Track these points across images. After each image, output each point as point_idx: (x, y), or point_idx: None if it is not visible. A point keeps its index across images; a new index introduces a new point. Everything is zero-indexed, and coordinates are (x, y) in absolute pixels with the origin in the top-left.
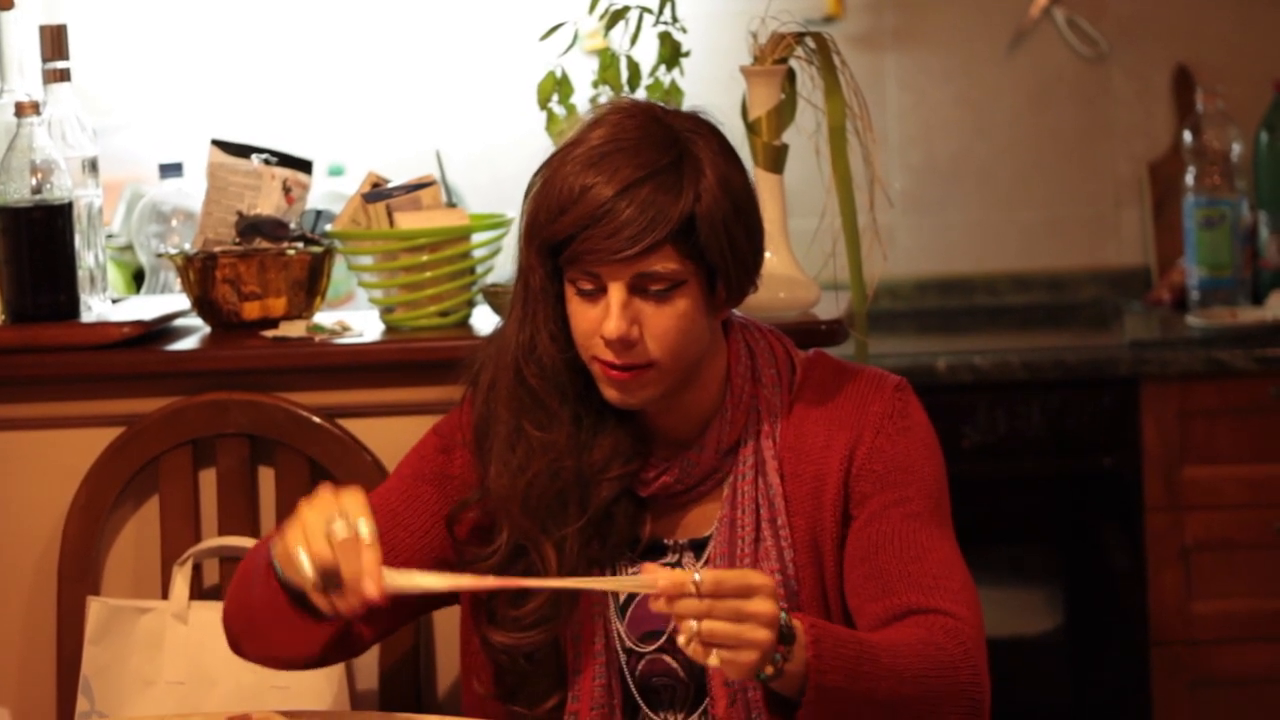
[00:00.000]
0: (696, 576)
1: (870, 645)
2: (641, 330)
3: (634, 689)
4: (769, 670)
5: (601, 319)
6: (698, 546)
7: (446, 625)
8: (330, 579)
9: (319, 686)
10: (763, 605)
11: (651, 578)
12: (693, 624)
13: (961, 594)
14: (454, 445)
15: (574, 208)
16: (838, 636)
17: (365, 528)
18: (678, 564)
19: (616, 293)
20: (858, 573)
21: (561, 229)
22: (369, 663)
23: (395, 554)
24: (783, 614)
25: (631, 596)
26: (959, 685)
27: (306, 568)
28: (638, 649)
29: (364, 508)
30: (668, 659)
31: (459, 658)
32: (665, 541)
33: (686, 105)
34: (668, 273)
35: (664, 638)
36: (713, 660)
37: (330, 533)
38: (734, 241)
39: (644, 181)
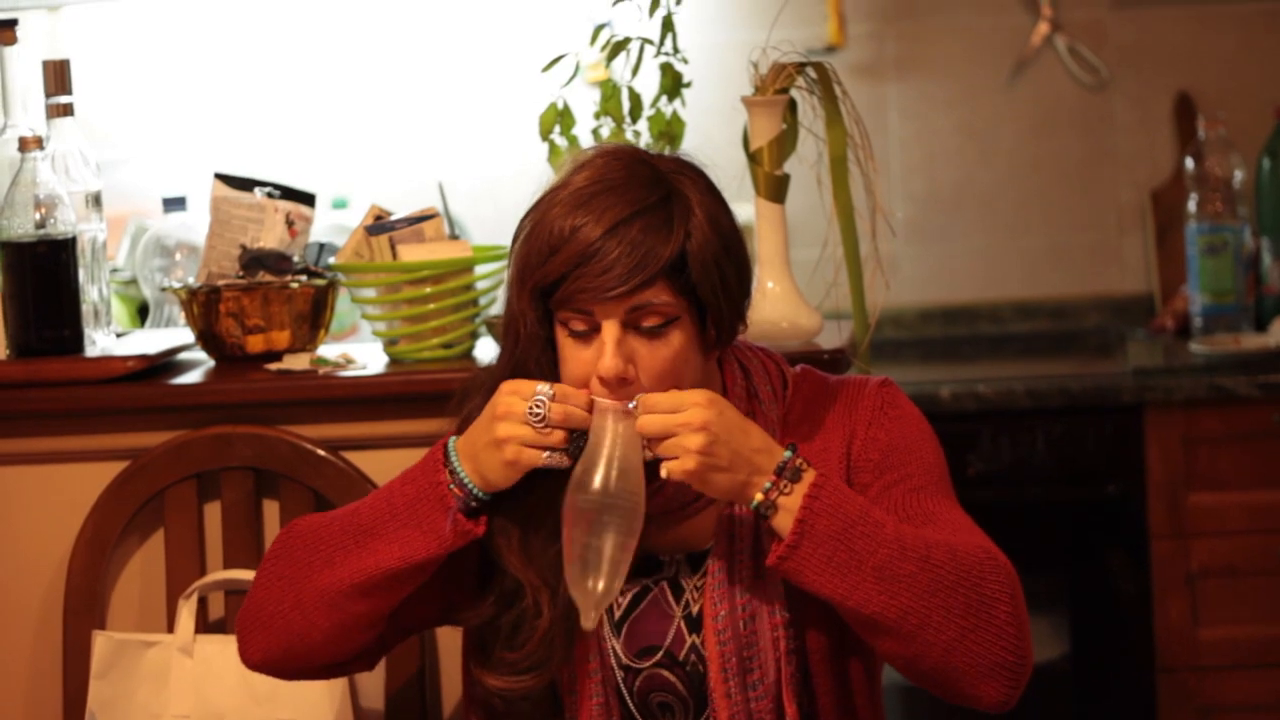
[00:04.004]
0: (632, 404)
1: (876, 514)
2: (636, 369)
3: (633, 707)
4: (759, 497)
5: (595, 360)
6: (695, 560)
7: (451, 649)
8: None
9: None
10: (691, 415)
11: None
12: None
13: (985, 543)
14: None
15: (565, 247)
16: (845, 493)
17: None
18: (674, 578)
19: (611, 330)
20: None
21: (554, 269)
22: (374, 690)
23: (400, 615)
24: (789, 450)
25: (626, 614)
26: (982, 594)
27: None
28: (635, 665)
29: (517, 388)
30: (666, 673)
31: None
32: (661, 557)
33: (688, 136)
34: (662, 305)
35: (661, 652)
36: (663, 473)
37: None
38: (725, 279)
39: (633, 219)
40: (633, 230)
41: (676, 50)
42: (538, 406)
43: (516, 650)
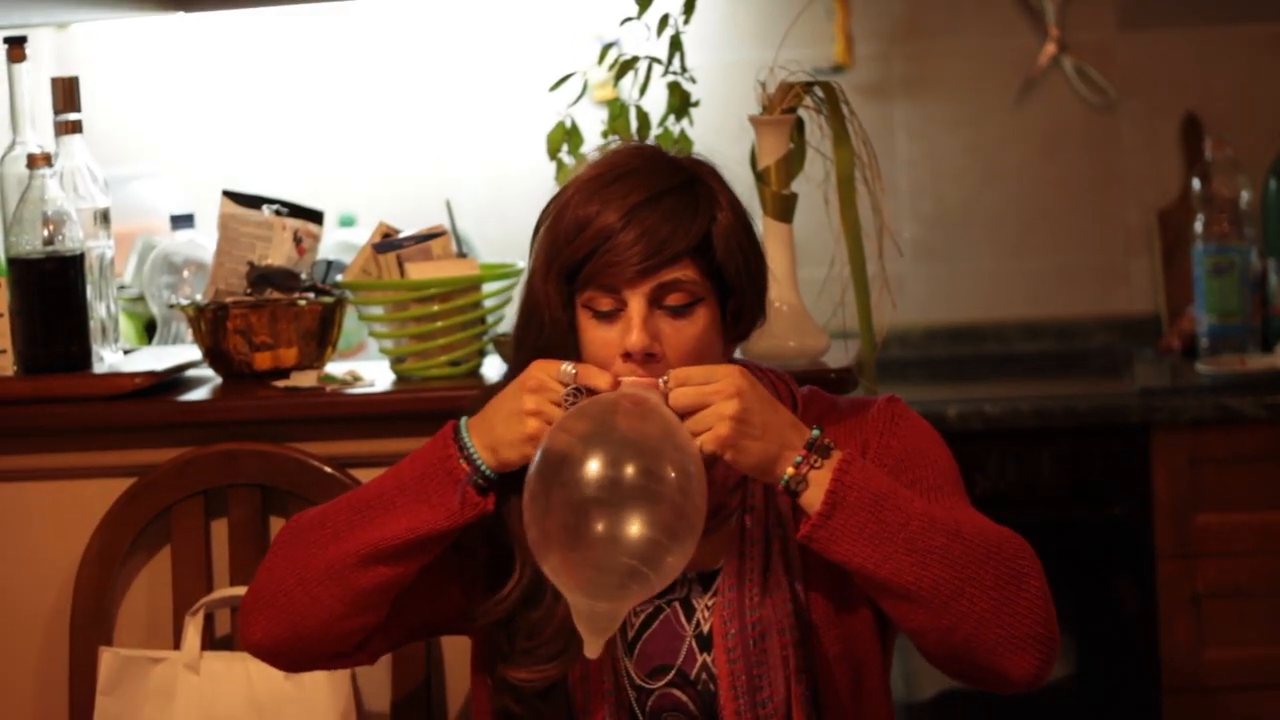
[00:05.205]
0: (664, 380)
1: (905, 491)
2: (662, 348)
3: None
4: (790, 471)
5: (619, 340)
6: (706, 579)
7: (456, 660)
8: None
9: None
10: (725, 384)
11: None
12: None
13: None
14: None
15: (592, 223)
16: (873, 470)
17: (567, 367)
18: (686, 598)
19: (637, 305)
20: None
21: (581, 247)
22: (379, 704)
23: (406, 609)
24: (817, 429)
25: (639, 633)
26: (1014, 568)
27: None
28: (647, 685)
29: (546, 366)
30: (678, 693)
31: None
32: None
33: (694, 155)
34: (689, 283)
35: (673, 672)
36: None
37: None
38: (749, 263)
39: (661, 198)
40: (660, 209)
41: (684, 69)
42: (573, 396)
43: (537, 637)
